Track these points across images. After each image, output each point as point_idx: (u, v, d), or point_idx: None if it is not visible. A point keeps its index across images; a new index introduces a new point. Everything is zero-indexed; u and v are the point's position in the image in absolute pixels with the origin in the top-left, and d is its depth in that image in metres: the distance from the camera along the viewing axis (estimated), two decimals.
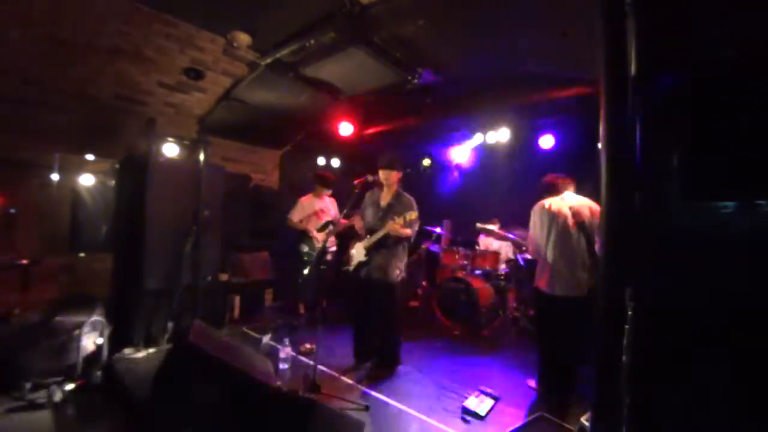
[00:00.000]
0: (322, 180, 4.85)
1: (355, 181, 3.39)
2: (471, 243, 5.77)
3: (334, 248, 4.97)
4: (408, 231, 3.28)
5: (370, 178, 3.35)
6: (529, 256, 4.33)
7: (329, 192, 4.91)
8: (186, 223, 3.99)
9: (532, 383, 3.23)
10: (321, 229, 4.67)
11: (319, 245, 4.60)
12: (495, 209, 5.58)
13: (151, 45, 3.41)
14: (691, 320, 0.87)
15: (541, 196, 3.19)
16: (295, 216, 4.74)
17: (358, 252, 3.45)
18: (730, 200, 0.83)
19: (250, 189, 5.73)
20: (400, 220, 3.08)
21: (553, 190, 3.15)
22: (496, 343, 4.46)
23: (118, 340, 3.35)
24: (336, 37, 3.29)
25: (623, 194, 0.95)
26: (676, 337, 0.89)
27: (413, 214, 3.11)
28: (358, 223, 3.97)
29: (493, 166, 5.88)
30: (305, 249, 4.66)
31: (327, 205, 4.88)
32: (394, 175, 3.40)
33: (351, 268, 3.44)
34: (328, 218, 4.77)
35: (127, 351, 3.29)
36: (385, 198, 3.47)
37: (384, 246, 3.32)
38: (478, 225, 4.32)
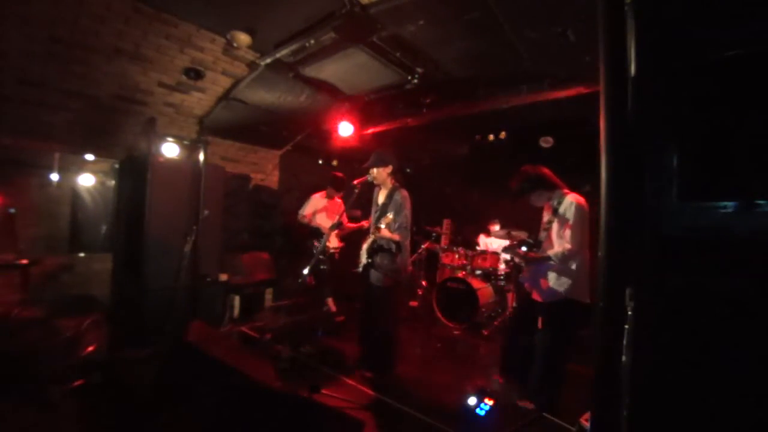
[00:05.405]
0: (337, 182, 4.84)
1: (355, 181, 3.38)
2: (471, 243, 5.77)
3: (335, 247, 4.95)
4: (395, 236, 3.18)
5: (369, 178, 3.34)
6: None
7: (340, 194, 4.93)
8: (186, 223, 3.99)
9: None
10: (334, 228, 4.67)
11: (329, 243, 4.58)
12: (495, 209, 5.58)
13: (150, 45, 3.40)
14: (691, 320, 0.87)
15: (532, 191, 2.85)
16: (308, 211, 4.72)
17: (363, 253, 3.43)
18: (730, 200, 0.83)
19: (250, 189, 5.74)
20: (383, 225, 3.09)
21: (551, 186, 2.83)
22: (496, 343, 4.45)
23: (118, 340, 3.35)
24: (336, 37, 3.29)
25: (623, 194, 0.94)
26: (676, 337, 0.89)
27: (388, 218, 3.08)
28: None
29: (493, 166, 5.88)
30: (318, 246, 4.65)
31: (336, 207, 4.89)
32: (382, 172, 3.29)
33: (359, 269, 3.40)
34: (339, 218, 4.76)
35: (127, 351, 3.29)
36: (381, 196, 3.44)
37: (380, 249, 3.29)
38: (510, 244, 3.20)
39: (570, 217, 2.66)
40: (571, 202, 2.69)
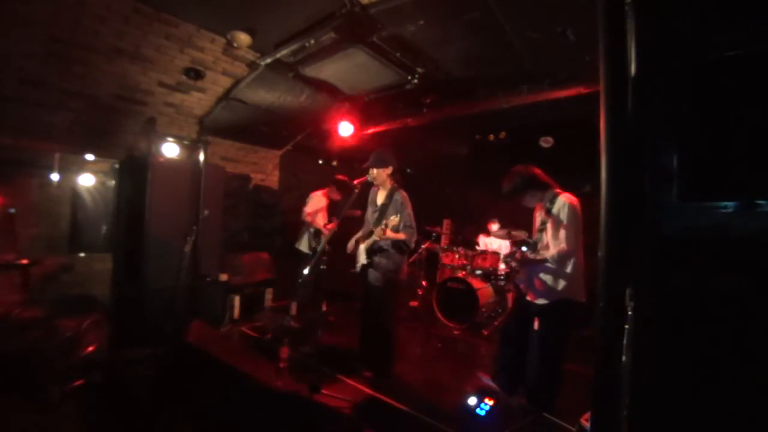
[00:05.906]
0: (341, 185, 4.84)
1: (355, 181, 3.38)
2: (471, 243, 5.77)
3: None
4: (401, 235, 3.17)
5: (369, 178, 3.33)
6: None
7: (340, 196, 4.92)
8: (186, 223, 3.99)
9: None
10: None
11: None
12: (495, 209, 5.58)
13: (150, 45, 3.40)
14: (691, 320, 0.87)
15: (525, 192, 2.84)
16: (310, 208, 4.73)
17: (361, 253, 3.43)
18: (730, 200, 0.83)
19: (250, 189, 5.74)
20: (385, 226, 3.05)
21: (544, 186, 2.80)
22: (496, 343, 4.45)
23: (118, 340, 3.35)
24: (336, 37, 3.29)
25: (623, 194, 0.94)
26: (676, 337, 0.89)
27: (394, 220, 3.02)
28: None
29: (493, 166, 5.87)
30: (318, 247, 4.66)
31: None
32: (382, 173, 3.29)
33: (357, 269, 3.40)
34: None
35: (127, 351, 3.29)
36: (380, 197, 3.42)
37: (380, 249, 3.28)
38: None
39: (564, 218, 2.65)
40: (564, 202, 2.69)
